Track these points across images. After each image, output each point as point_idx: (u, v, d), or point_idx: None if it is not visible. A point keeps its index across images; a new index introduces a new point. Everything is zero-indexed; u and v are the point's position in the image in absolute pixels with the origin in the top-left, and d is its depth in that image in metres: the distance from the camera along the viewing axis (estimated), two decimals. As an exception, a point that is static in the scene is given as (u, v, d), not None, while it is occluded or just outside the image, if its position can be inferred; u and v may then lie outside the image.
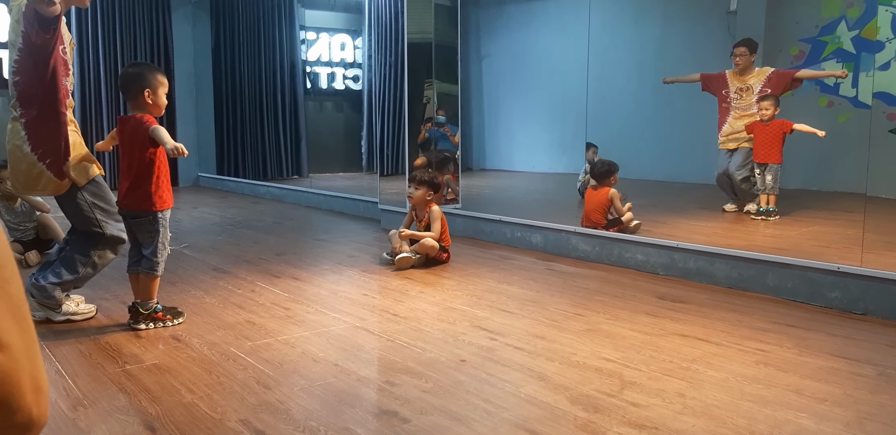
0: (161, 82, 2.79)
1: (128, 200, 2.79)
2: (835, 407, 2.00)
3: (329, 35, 9.36)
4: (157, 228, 2.78)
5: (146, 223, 2.78)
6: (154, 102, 2.78)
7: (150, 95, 2.75)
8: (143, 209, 2.77)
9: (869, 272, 2.96)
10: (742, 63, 5.12)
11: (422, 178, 4.12)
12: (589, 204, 4.43)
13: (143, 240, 2.82)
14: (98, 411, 2.00)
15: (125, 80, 2.81)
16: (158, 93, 2.78)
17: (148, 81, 2.75)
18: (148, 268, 2.80)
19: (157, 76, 2.78)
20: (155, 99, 2.77)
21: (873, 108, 5.77)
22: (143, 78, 2.75)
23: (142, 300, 2.81)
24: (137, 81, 2.75)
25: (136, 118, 2.73)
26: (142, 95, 2.74)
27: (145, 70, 2.81)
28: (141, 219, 2.79)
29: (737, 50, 5.16)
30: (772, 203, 4.96)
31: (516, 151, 9.28)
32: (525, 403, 2.03)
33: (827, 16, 6.20)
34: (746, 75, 5.15)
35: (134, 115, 2.76)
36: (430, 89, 5.39)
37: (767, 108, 4.94)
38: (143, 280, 2.81)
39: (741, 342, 2.59)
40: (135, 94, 2.75)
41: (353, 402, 2.06)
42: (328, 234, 5.31)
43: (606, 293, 3.36)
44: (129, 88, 2.77)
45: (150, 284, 2.82)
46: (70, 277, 2.85)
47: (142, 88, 2.74)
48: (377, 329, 2.79)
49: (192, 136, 8.92)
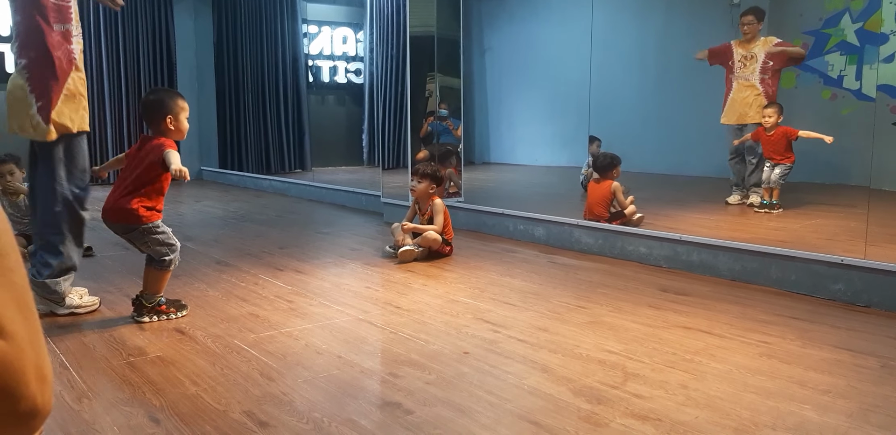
0: (182, 108, 2.79)
1: (113, 214, 2.75)
2: (838, 398, 2.00)
3: (331, 28, 9.35)
4: (150, 238, 2.76)
5: (139, 235, 2.77)
6: (177, 128, 2.78)
7: (171, 121, 2.76)
8: (130, 223, 2.74)
9: (872, 265, 2.96)
10: (750, 31, 5.12)
11: (424, 171, 4.12)
12: (592, 197, 4.42)
13: (144, 249, 2.81)
14: (102, 403, 2.01)
15: (146, 108, 2.81)
16: (180, 118, 2.78)
17: (169, 108, 2.75)
18: (158, 266, 2.81)
19: (177, 102, 2.79)
20: (177, 124, 2.78)
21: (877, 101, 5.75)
22: (163, 105, 2.76)
23: (149, 293, 2.82)
24: (159, 109, 2.75)
25: (157, 142, 2.73)
26: (164, 122, 2.75)
27: (165, 97, 2.80)
28: (132, 233, 2.77)
29: (744, 18, 5.16)
30: (775, 196, 4.95)
31: (519, 145, 9.27)
32: (528, 395, 2.03)
33: (831, 8, 6.17)
34: (752, 44, 5.14)
35: (157, 137, 2.76)
36: (433, 83, 5.38)
37: (770, 116, 4.92)
38: (154, 274, 2.82)
39: (744, 334, 2.59)
40: (157, 121, 2.76)
41: (357, 393, 2.06)
42: (331, 227, 5.31)
43: (609, 286, 3.36)
44: (151, 117, 2.77)
45: (160, 278, 2.83)
46: (57, 260, 2.83)
47: (164, 115, 2.74)
48: (380, 321, 2.79)
49: (194, 129, 8.92)
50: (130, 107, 8.23)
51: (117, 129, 8.24)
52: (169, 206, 6.25)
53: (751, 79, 5.13)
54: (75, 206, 2.87)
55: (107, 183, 8.05)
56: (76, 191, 2.87)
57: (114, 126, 8.18)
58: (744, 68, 5.16)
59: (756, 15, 5.14)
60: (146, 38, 8.37)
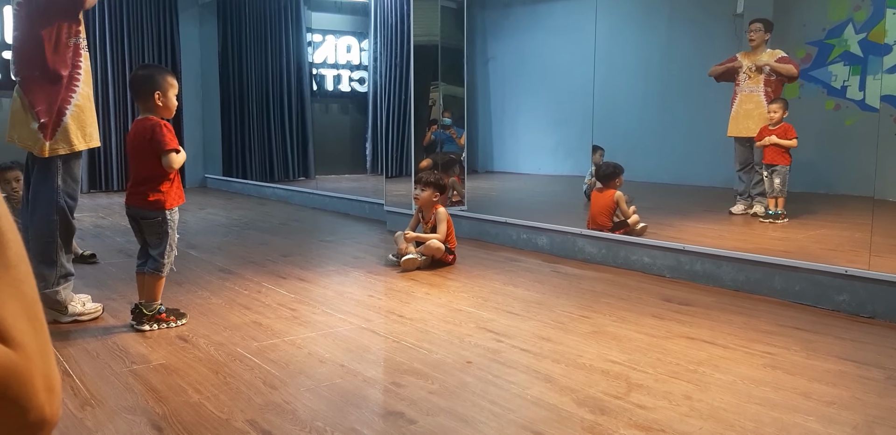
0: (171, 84, 2.79)
1: (135, 199, 2.79)
2: (843, 410, 1.99)
3: (335, 37, 9.39)
4: (165, 230, 2.78)
5: (155, 224, 2.78)
6: (164, 105, 2.77)
7: (160, 98, 2.75)
8: (150, 208, 2.76)
9: (877, 275, 2.95)
10: (756, 39, 5.10)
11: (428, 179, 4.12)
12: (595, 206, 4.42)
13: (151, 241, 2.82)
14: (105, 411, 2.01)
15: (134, 82, 2.81)
16: (168, 95, 2.77)
17: (158, 84, 2.75)
18: (154, 268, 2.80)
19: (166, 78, 2.78)
20: (165, 101, 2.77)
21: (881, 112, 5.76)
22: (152, 80, 2.75)
23: (146, 301, 2.82)
24: (147, 84, 2.75)
25: (152, 122, 2.73)
26: (152, 98, 2.74)
27: (155, 72, 2.80)
28: (150, 220, 2.78)
29: (752, 26, 5.14)
30: (780, 206, 4.94)
31: (522, 153, 9.29)
32: (531, 405, 2.02)
33: (834, 19, 6.19)
34: (758, 54, 5.13)
35: (148, 118, 2.76)
36: (436, 91, 5.39)
37: (776, 112, 4.91)
38: (149, 281, 2.82)
39: (748, 345, 2.58)
40: (145, 96, 2.75)
41: (360, 402, 2.06)
42: (334, 235, 5.31)
43: (612, 295, 3.36)
44: (139, 91, 2.77)
45: (156, 285, 2.83)
46: (51, 270, 2.83)
47: (152, 91, 2.74)
48: (383, 330, 2.79)
49: (199, 137, 8.95)
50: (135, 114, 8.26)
51: (121, 138, 8.26)
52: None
53: (755, 91, 5.13)
54: (68, 215, 2.89)
55: (100, 190, 8.07)
56: (69, 201, 2.88)
57: (118, 134, 8.20)
58: (749, 80, 5.16)
59: (764, 24, 5.13)
60: (151, 47, 8.40)
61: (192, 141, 8.86)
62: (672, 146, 7.24)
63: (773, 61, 5.06)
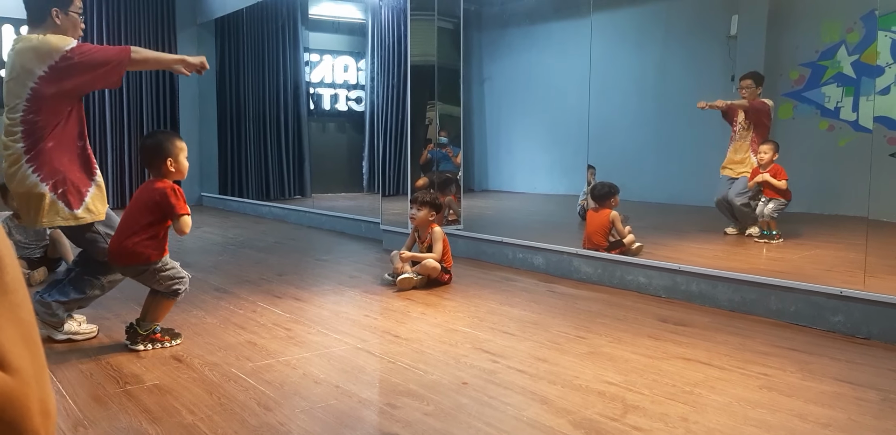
0: (181, 148, 2.81)
1: (119, 257, 2.76)
2: (838, 432, 1.98)
3: (332, 57, 9.45)
4: (161, 275, 2.78)
5: (150, 276, 2.78)
6: (177, 169, 2.81)
7: (172, 163, 2.78)
8: (137, 262, 2.75)
9: (872, 296, 2.96)
10: (748, 95, 5.15)
11: (424, 199, 4.13)
12: (590, 226, 4.43)
13: (156, 288, 2.81)
14: (98, 432, 1.99)
15: (145, 152, 2.85)
16: (180, 159, 2.80)
17: (168, 151, 2.78)
18: (168, 294, 2.82)
19: (175, 143, 2.81)
20: (178, 166, 2.80)
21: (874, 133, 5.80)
22: (162, 148, 2.78)
23: (146, 321, 2.80)
24: (158, 153, 2.77)
25: (157, 187, 2.74)
26: (165, 165, 2.77)
27: (163, 139, 2.82)
28: (143, 274, 2.78)
29: (743, 82, 5.20)
30: (773, 227, 4.96)
31: (518, 173, 9.31)
32: (527, 427, 2.01)
33: (827, 41, 6.26)
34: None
35: (155, 182, 2.78)
36: (433, 111, 5.43)
37: (766, 153, 4.96)
38: (161, 302, 2.82)
39: (744, 366, 2.58)
40: (157, 165, 2.78)
41: (355, 424, 2.05)
42: (330, 254, 5.31)
43: (608, 316, 3.35)
44: (151, 161, 2.80)
45: (166, 307, 2.85)
46: (77, 296, 2.85)
47: (164, 159, 2.77)
48: (378, 351, 2.78)
49: (196, 156, 8.96)
50: (132, 136, 8.28)
51: (117, 158, 8.27)
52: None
53: (744, 143, 5.23)
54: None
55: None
56: None
57: (115, 156, 8.22)
58: (743, 131, 5.24)
59: (754, 79, 5.17)
60: (150, 66, 8.44)
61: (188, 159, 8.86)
62: (667, 166, 7.27)
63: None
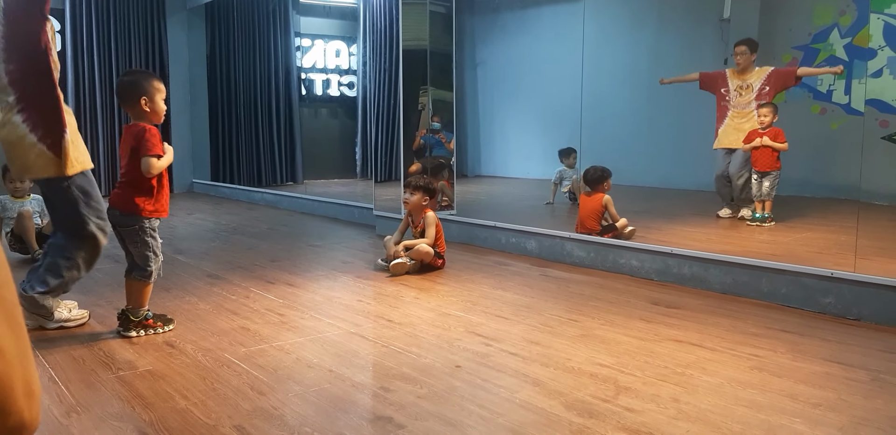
0: (157, 89, 2.76)
1: (115, 199, 2.75)
2: (829, 412, 2.00)
3: (324, 42, 9.39)
4: (143, 238, 2.75)
5: (132, 232, 2.75)
6: (152, 109, 2.74)
7: (146, 103, 2.72)
8: (127, 211, 2.72)
9: (862, 278, 2.97)
10: (742, 62, 5.14)
11: (417, 183, 4.13)
12: (583, 210, 4.43)
13: (132, 249, 2.79)
14: (91, 418, 1.99)
15: (120, 88, 2.79)
16: (155, 99, 2.75)
17: (144, 89, 2.72)
18: (140, 275, 2.78)
19: (152, 83, 2.75)
20: (153, 106, 2.74)
21: (866, 115, 5.81)
22: (138, 86, 2.73)
23: (133, 307, 2.80)
24: (133, 89, 2.72)
25: (140, 130, 2.70)
26: (139, 103, 2.71)
27: (140, 77, 2.77)
28: (128, 227, 2.75)
29: (737, 48, 5.18)
30: (767, 209, 4.97)
31: (511, 158, 9.31)
32: (520, 409, 2.02)
33: (819, 24, 6.24)
34: (747, 74, 5.17)
35: (137, 124, 2.73)
36: (425, 96, 5.40)
37: (766, 116, 4.94)
38: (136, 287, 2.80)
39: (735, 347, 2.59)
40: (132, 102, 2.72)
41: (348, 408, 2.06)
42: (323, 240, 5.30)
43: (601, 299, 3.36)
44: (126, 97, 2.74)
45: (143, 291, 2.81)
46: (57, 281, 2.82)
47: (138, 96, 2.71)
48: (372, 335, 2.79)
49: (187, 142, 8.92)
50: (122, 121, 8.22)
51: (108, 144, 8.22)
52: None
53: (747, 108, 5.18)
54: (98, 239, 2.85)
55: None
56: (100, 222, 2.85)
57: (105, 141, 8.17)
58: (739, 97, 5.20)
59: (749, 45, 5.16)
60: (139, 51, 8.37)
61: (179, 145, 8.82)
62: (660, 150, 7.28)
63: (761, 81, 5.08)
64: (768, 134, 4.95)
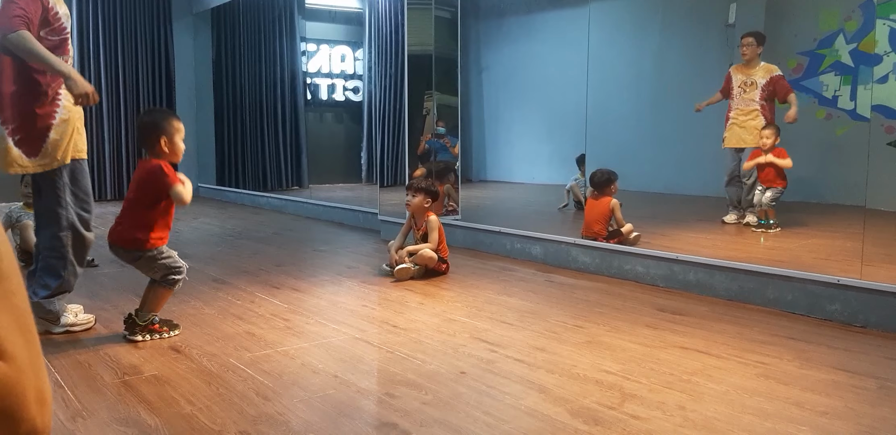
0: (177, 129, 2.78)
1: (117, 236, 2.76)
2: (836, 420, 1.99)
3: (329, 47, 9.41)
4: (158, 264, 2.77)
5: (145, 262, 2.77)
6: (171, 150, 2.77)
7: (166, 143, 2.75)
8: (133, 248, 2.74)
9: (869, 285, 2.96)
10: (749, 53, 5.12)
11: (419, 185, 4.13)
12: (590, 214, 4.43)
13: (152, 276, 2.81)
14: (97, 423, 1.99)
15: (141, 129, 2.83)
16: (175, 139, 2.77)
17: (163, 129, 2.75)
18: (165, 283, 2.81)
19: (172, 123, 2.77)
20: (172, 147, 2.77)
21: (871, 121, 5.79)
22: (158, 127, 2.75)
23: (145, 311, 2.80)
24: (153, 130, 2.75)
25: (152, 166, 2.71)
26: (159, 144, 2.74)
27: (159, 118, 2.80)
28: (138, 260, 2.77)
29: (744, 39, 5.17)
30: (771, 216, 4.96)
31: (516, 163, 9.30)
32: (525, 416, 2.02)
33: (825, 29, 6.23)
34: (751, 68, 5.15)
35: (152, 159, 2.75)
36: (430, 101, 5.41)
37: (769, 138, 4.94)
38: (159, 292, 2.81)
39: (741, 355, 2.58)
40: (152, 143, 2.75)
41: (353, 414, 2.05)
42: (328, 244, 5.31)
43: (606, 305, 3.36)
44: (146, 138, 2.77)
45: (162, 297, 2.83)
46: (56, 282, 2.82)
47: (158, 137, 2.73)
48: (377, 340, 2.78)
49: (192, 146, 8.92)
50: (129, 125, 8.25)
51: (114, 147, 8.25)
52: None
53: (750, 105, 5.16)
54: (81, 230, 2.86)
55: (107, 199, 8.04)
56: (83, 214, 2.86)
57: (112, 144, 8.19)
58: (744, 94, 5.18)
59: (756, 37, 5.15)
60: (145, 56, 8.41)
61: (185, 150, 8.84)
62: (665, 155, 7.26)
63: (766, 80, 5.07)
64: (772, 154, 4.95)
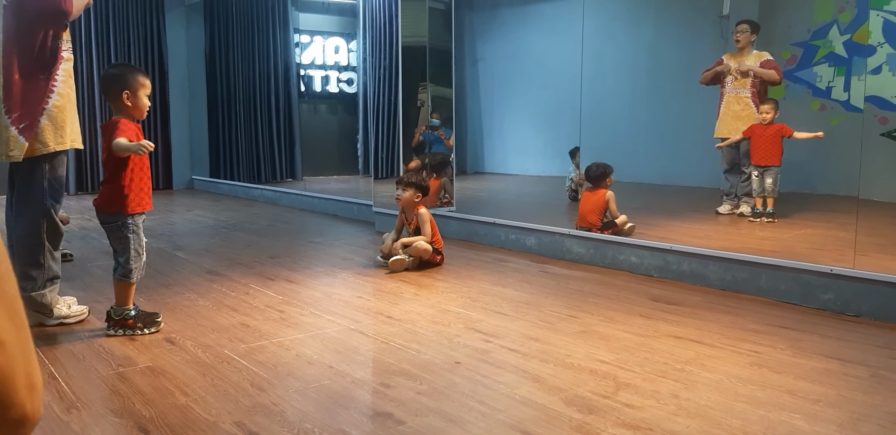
0: (142, 84, 2.70)
1: (99, 200, 2.75)
2: (828, 408, 2.00)
3: (323, 38, 9.37)
4: (126, 235, 2.72)
5: (115, 229, 2.73)
6: (134, 105, 2.69)
7: (129, 97, 2.67)
8: (112, 211, 2.71)
9: (862, 274, 2.97)
10: (742, 40, 5.13)
11: (409, 179, 4.12)
12: (585, 205, 4.43)
13: (115, 246, 2.76)
14: (92, 414, 1.99)
15: (104, 81, 2.75)
16: (139, 94, 2.69)
17: (127, 83, 2.67)
18: (122, 274, 2.75)
19: (137, 77, 2.70)
20: (135, 101, 2.69)
21: (865, 112, 5.81)
22: (122, 79, 2.68)
23: (116, 305, 2.78)
24: (116, 83, 2.68)
25: (112, 123, 2.67)
26: (120, 97, 2.67)
27: (125, 71, 2.73)
28: (110, 224, 2.73)
29: (739, 27, 5.17)
30: (770, 205, 4.97)
31: (510, 154, 9.30)
32: (520, 405, 2.03)
33: (819, 20, 6.23)
34: (744, 56, 5.15)
35: (112, 118, 2.70)
36: (425, 92, 5.39)
37: (768, 112, 4.94)
38: (118, 286, 2.77)
39: (735, 344, 2.60)
40: (114, 96, 2.68)
41: (348, 404, 2.06)
42: (322, 236, 5.30)
43: (600, 295, 3.37)
44: (109, 90, 2.70)
45: (125, 291, 2.77)
46: (38, 271, 2.81)
47: (120, 90, 2.66)
48: (371, 331, 2.79)
49: (186, 138, 8.91)
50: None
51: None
52: (159, 216, 6.24)
53: (742, 93, 5.16)
54: (55, 218, 2.86)
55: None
56: (55, 204, 2.86)
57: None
58: (736, 82, 5.18)
59: (751, 25, 5.15)
60: (138, 47, 8.37)
61: (178, 142, 8.82)
62: (659, 147, 7.27)
63: (757, 65, 5.09)
64: (772, 129, 4.94)
